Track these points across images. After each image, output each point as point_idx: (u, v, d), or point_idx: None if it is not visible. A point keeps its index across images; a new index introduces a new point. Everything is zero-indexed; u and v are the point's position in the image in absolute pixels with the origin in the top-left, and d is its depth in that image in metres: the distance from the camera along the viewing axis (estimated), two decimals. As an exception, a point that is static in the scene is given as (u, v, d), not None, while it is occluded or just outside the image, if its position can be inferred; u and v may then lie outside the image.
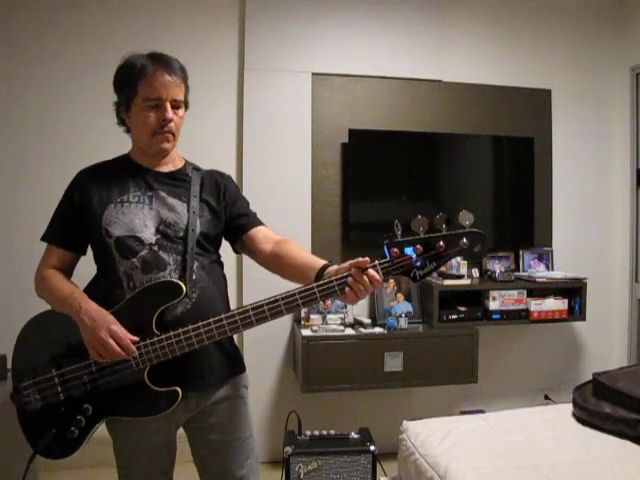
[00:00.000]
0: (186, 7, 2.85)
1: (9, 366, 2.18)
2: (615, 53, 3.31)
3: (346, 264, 1.26)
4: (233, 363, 1.47)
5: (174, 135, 1.39)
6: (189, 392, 1.36)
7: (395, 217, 1.25)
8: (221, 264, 1.49)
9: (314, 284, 1.24)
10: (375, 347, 2.65)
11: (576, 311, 2.99)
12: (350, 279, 1.23)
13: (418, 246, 1.24)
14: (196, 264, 1.36)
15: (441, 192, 3.10)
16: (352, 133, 2.92)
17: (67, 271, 1.43)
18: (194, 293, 1.35)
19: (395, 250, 1.25)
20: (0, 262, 2.73)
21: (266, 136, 2.89)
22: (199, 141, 2.64)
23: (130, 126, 1.41)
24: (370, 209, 2.96)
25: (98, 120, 2.75)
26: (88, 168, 1.46)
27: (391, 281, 2.93)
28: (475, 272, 3.02)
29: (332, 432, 2.37)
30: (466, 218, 1.26)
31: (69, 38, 2.75)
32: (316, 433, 2.36)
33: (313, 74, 2.95)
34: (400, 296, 2.92)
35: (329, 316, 2.75)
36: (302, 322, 2.78)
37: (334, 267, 1.28)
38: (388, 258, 1.25)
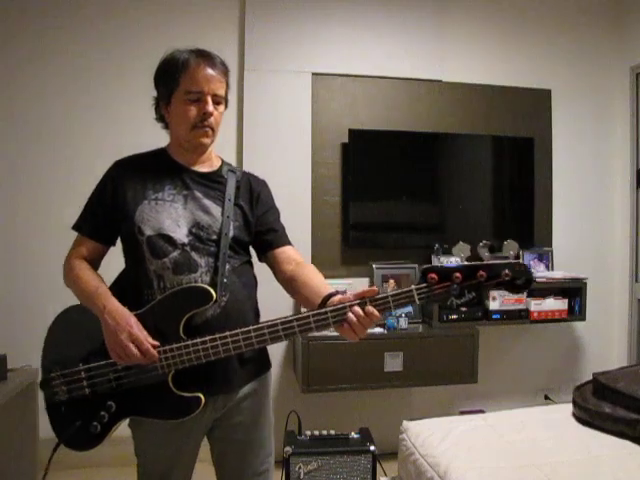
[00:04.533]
0: (186, 7, 2.85)
1: (10, 366, 2.19)
2: (615, 53, 3.31)
3: (350, 295, 1.21)
4: (259, 362, 1.46)
5: (213, 130, 1.37)
6: (216, 395, 1.35)
7: (395, 217, 1.22)
8: (251, 265, 1.48)
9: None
10: (375, 347, 2.65)
11: (576, 311, 2.99)
12: (349, 314, 1.18)
13: (457, 274, 1.16)
14: (227, 267, 1.35)
15: (441, 192, 3.10)
16: (352, 133, 2.92)
17: (95, 262, 1.42)
18: (224, 297, 1.33)
19: (433, 276, 1.17)
20: (0, 264, 2.73)
21: (266, 136, 2.89)
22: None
23: (169, 121, 1.40)
24: (370, 209, 2.96)
25: (97, 120, 2.76)
26: (124, 159, 1.44)
27: (391, 281, 2.93)
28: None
29: (332, 432, 2.37)
30: (510, 248, 1.21)
31: (68, 38, 2.74)
32: (316, 433, 2.35)
33: (313, 74, 2.95)
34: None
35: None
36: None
37: (338, 296, 1.24)
38: (425, 284, 1.18)
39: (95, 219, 1.40)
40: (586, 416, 1.99)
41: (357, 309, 1.17)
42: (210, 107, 1.33)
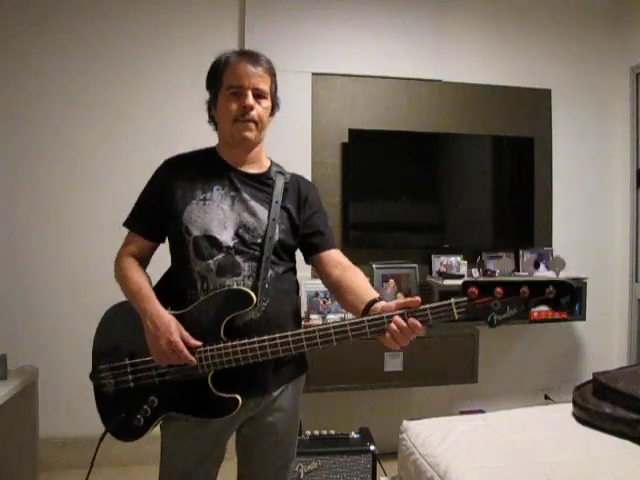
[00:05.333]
0: (186, 7, 2.85)
1: (10, 366, 2.18)
2: (615, 53, 3.31)
3: (392, 303, 1.19)
4: (296, 365, 1.47)
5: (256, 124, 1.38)
6: (252, 397, 1.37)
7: (395, 217, 1.20)
8: (295, 272, 1.48)
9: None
10: (375, 347, 2.63)
11: (576, 311, 2.98)
12: (391, 325, 1.15)
13: (498, 289, 1.12)
14: (270, 272, 1.35)
15: (441, 192, 3.10)
16: (352, 133, 2.92)
17: (145, 259, 1.45)
18: (264, 302, 1.34)
19: (473, 290, 1.13)
20: (0, 264, 2.73)
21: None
22: (199, 142, 2.63)
23: (217, 120, 1.42)
24: (370, 209, 2.96)
25: (97, 119, 2.76)
26: (174, 158, 1.45)
27: (391, 281, 2.93)
28: (475, 272, 3.02)
29: (332, 432, 2.37)
30: (557, 264, 1.16)
31: (68, 38, 2.74)
32: (316, 433, 2.36)
33: (313, 74, 2.95)
34: (400, 296, 2.92)
35: (329, 316, 2.75)
36: (302, 322, 2.77)
37: (381, 304, 1.22)
38: (465, 298, 1.15)
39: (145, 217, 1.42)
40: (586, 416, 1.99)
41: (399, 319, 1.15)
42: (250, 100, 1.35)
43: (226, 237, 1.34)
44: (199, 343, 1.27)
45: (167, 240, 1.44)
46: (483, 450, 1.81)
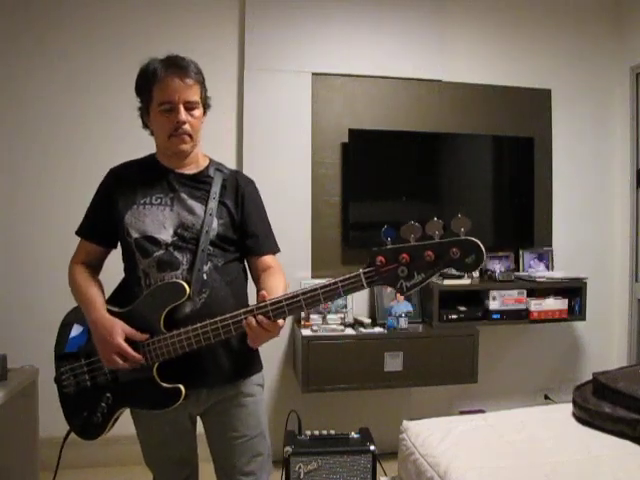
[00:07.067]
0: (186, 7, 2.85)
1: (10, 366, 2.19)
2: (615, 53, 3.31)
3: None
4: (245, 363, 1.49)
5: (191, 136, 1.42)
6: (199, 388, 1.41)
7: (395, 217, 1.19)
8: (242, 263, 1.52)
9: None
10: (375, 347, 2.65)
11: (576, 311, 2.99)
12: (244, 321, 1.24)
13: (404, 255, 1.13)
14: (209, 265, 1.40)
15: (441, 192, 3.10)
16: (352, 133, 2.91)
17: (96, 265, 1.52)
18: (204, 293, 1.38)
19: (381, 259, 1.14)
20: (0, 264, 2.73)
21: (266, 136, 2.88)
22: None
23: (153, 130, 1.47)
24: (370, 209, 2.96)
25: (98, 120, 2.76)
26: (117, 167, 1.52)
27: (391, 281, 2.92)
28: (475, 272, 3.02)
29: (332, 432, 2.37)
30: (461, 224, 1.11)
31: (68, 38, 2.74)
32: (316, 433, 2.35)
33: (313, 74, 2.95)
34: (400, 297, 2.91)
35: (329, 316, 2.75)
36: (302, 322, 2.78)
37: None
38: (372, 268, 1.16)
39: (93, 224, 1.50)
40: (586, 416, 1.99)
41: (251, 319, 1.24)
42: (182, 116, 1.38)
43: (165, 236, 1.39)
44: (145, 337, 1.33)
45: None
46: (483, 450, 1.81)
